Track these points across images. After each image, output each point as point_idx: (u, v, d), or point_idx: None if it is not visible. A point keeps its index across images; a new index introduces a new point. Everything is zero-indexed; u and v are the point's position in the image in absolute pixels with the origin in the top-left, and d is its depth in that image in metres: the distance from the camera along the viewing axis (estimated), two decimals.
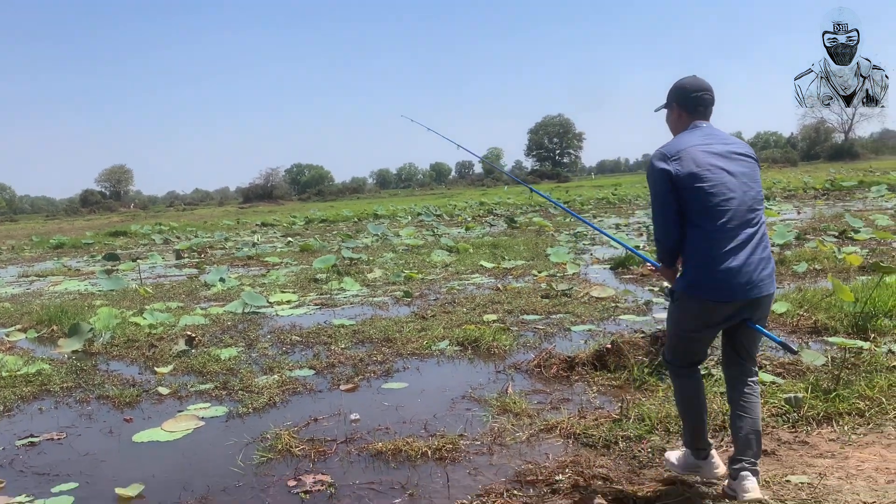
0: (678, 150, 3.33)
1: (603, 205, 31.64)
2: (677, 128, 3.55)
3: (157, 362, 7.25)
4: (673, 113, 3.58)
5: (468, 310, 8.87)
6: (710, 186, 3.24)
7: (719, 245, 3.23)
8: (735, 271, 3.22)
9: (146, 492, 4.19)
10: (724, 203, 3.23)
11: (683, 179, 3.26)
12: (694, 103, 3.49)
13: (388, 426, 5.01)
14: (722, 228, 3.23)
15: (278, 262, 16.40)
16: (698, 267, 3.30)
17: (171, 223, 40.51)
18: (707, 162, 3.28)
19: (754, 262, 3.25)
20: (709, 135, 3.41)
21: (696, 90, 3.50)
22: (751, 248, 3.25)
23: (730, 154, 3.35)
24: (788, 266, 10.46)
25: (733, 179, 3.28)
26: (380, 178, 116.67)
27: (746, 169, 3.36)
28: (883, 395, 4.58)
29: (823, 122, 79.78)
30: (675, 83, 3.59)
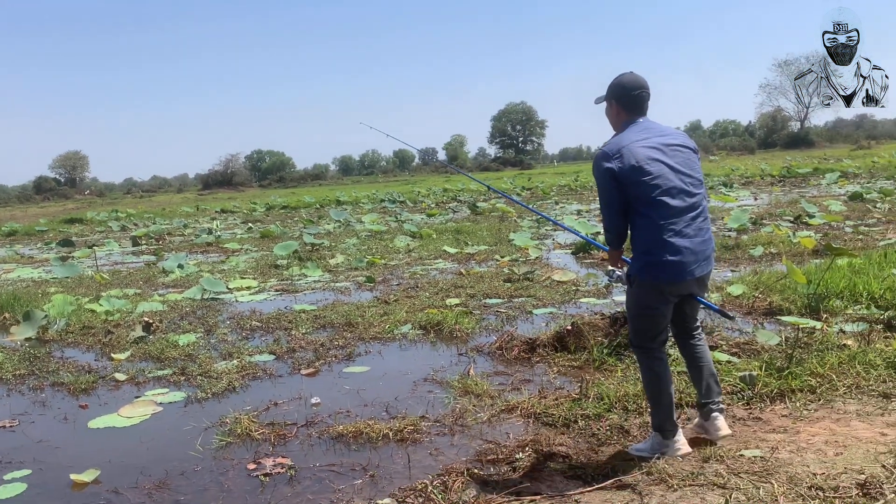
0: (619, 149, 3.55)
1: (565, 191, 31.85)
2: (616, 123, 3.78)
3: (114, 349, 7.13)
4: (612, 108, 3.80)
5: (431, 294, 8.88)
6: (652, 179, 3.48)
7: (667, 231, 3.49)
8: (683, 253, 3.50)
9: (102, 477, 4.13)
10: (666, 193, 3.49)
11: (626, 175, 3.49)
12: (634, 101, 3.71)
13: (350, 409, 5.00)
14: (667, 216, 3.49)
15: (238, 248, 16.21)
16: (650, 252, 3.56)
17: (129, 210, 39.75)
18: (646, 156, 3.51)
19: (698, 243, 3.55)
20: (646, 129, 3.65)
21: (635, 88, 3.71)
22: (694, 231, 3.54)
23: (667, 146, 3.59)
24: (745, 250, 10.66)
25: (672, 171, 3.53)
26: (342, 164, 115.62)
27: (683, 158, 3.61)
28: (833, 373, 4.70)
29: (780, 110, 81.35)
30: (615, 81, 3.78)
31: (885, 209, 15.00)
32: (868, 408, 4.21)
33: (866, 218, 13.85)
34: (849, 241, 10.74)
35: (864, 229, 12.12)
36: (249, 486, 3.90)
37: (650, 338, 3.74)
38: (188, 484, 3.99)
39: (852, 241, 10.83)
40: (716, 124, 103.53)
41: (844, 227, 12.57)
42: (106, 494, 3.94)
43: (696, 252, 3.53)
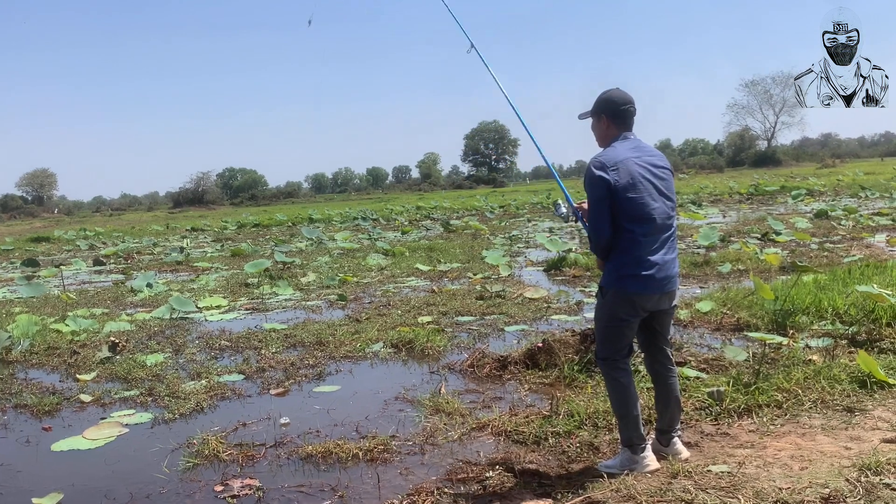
0: (616, 162, 3.65)
1: (538, 209, 32.05)
2: (606, 137, 3.87)
3: (80, 369, 7.00)
4: (602, 123, 3.88)
5: (403, 312, 8.86)
6: (640, 198, 3.62)
7: (645, 248, 3.64)
8: (657, 269, 3.65)
9: (65, 501, 4.05)
10: (650, 212, 3.64)
11: (620, 189, 3.61)
12: (622, 115, 3.83)
13: (319, 429, 4.95)
14: (647, 233, 3.64)
15: (208, 266, 16.05)
16: (627, 265, 3.66)
17: (97, 229, 39.16)
18: (639, 174, 3.66)
19: (669, 261, 3.72)
20: (638, 147, 3.78)
21: (624, 103, 3.83)
22: (666, 250, 3.71)
23: (655, 167, 3.74)
24: (713, 266, 10.80)
25: (657, 192, 3.69)
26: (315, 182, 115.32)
27: (666, 182, 3.77)
28: (799, 388, 4.76)
29: (748, 129, 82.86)
30: (604, 95, 3.88)
31: (849, 226, 15.30)
32: (833, 422, 4.27)
33: (831, 235, 14.11)
34: (814, 258, 10.93)
35: (830, 246, 12.35)
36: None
37: (616, 349, 3.80)
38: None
39: (818, 257, 11.02)
40: (685, 143, 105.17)
41: (810, 244, 12.79)
42: None
43: (667, 269, 3.69)
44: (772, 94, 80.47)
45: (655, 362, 3.93)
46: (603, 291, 3.77)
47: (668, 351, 3.94)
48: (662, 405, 3.90)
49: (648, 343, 3.94)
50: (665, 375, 3.90)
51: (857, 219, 16.57)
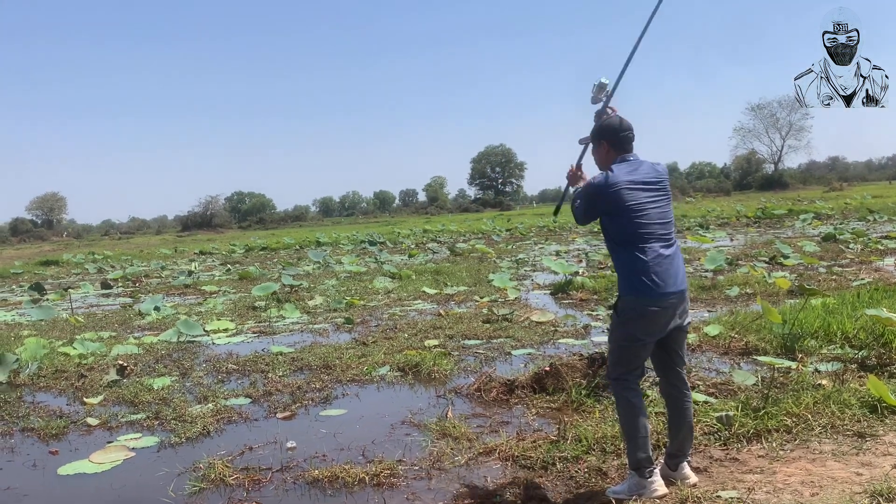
0: (616, 182, 3.78)
1: (544, 232, 32.06)
2: (606, 161, 3.99)
3: (87, 393, 7.01)
4: (602, 149, 4.02)
5: (409, 335, 8.85)
6: (641, 215, 3.77)
7: (649, 255, 3.73)
8: (666, 270, 3.73)
9: None
10: (649, 226, 3.77)
11: (620, 207, 3.76)
12: (622, 141, 3.97)
13: (326, 453, 4.94)
14: (649, 243, 3.76)
15: (216, 290, 16.08)
16: (636, 275, 3.73)
17: (106, 252, 39.37)
18: (639, 193, 3.78)
19: (676, 263, 3.81)
20: (635, 170, 3.88)
21: (623, 130, 3.97)
22: (671, 254, 3.80)
23: (653, 183, 3.86)
24: (721, 290, 10.76)
25: (656, 208, 3.82)
26: (323, 206, 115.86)
27: (664, 196, 3.89)
28: (809, 412, 4.73)
29: (754, 153, 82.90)
30: (604, 123, 4.04)
31: (857, 250, 15.24)
32: (843, 447, 4.23)
33: (839, 258, 14.06)
34: (823, 282, 10.88)
35: (838, 270, 12.30)
36: None
37: (629, 369, 3.81)
38: None
39: (826, 281, 10.98)
40: (692, 166, 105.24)
41: (818, 267, 12.74)
42: None
43: (676, 268, 3.77)
44: (778, 118, 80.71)
45: (670, 386, 3.92)
46: (617, 308, 3.82)
47: (682, 374, 3.93)
48: (675, 430, 3.89)
49: (664, 365, 3.93)
50: (680, 399, 3.89)
51: (865, 242, 16.51)
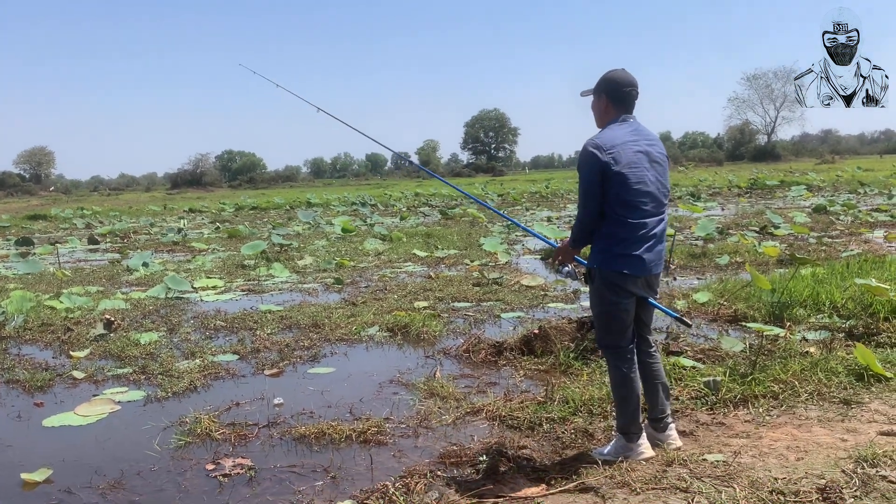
0: (613, 145, 3.57)
1: (536, 198, 31.99)
2: (604, 118, 3.79)
3: (73, 346, 6.96)
4: (601, 102, 3.79)
5: (399, 297, 8.82)
6: (636, 183, 3.57)
7: (636, 233, 3.59)
8: (647, 251, 3.62)
9: (54, 476, 4.01)
10: (644, 199, 3.60)
11: (616, 174, 3.54)
12: (624, 98, 3.74)
13: (313, 410, 4.93)
14: (640, 218, 3.60)
15: (205, 247, 16.00)
16: (616, 246, 3.61)
17: (95, 208, 39.07)
18: (636, 161, 3.59)
19: (659, 247, 3.70)
20: (636, 131, 3.69)
21: (626, 85, 3.73)
22: (657, 235, 3.67)
23: (653, 154, 3.68)
24: (711, 258, 10.77)
25: (653, 179, 3.65)
26: (314, 167, 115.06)
27: (662, 169, 3.72)
28: (796, 379, 4.74)
29: (748, 124, 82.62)
30: (607, 75, 3.79)
31: (847, 221, 15.28)
32: (829, 414, 4.25)
33: (830, 229, 14.09)
34: (812, 252, 10.90)
35: (828, 240, 12.33)
36: (208, 487, 3.82)
37: (619, 335, 3.72)
38: (144, 484, 3.90)
39: (816, 251, 11.00)
40: (685, 136, 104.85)
41: (808, 238, 12.77)
42: (58, 494, 3.82)
43: (656, 252, 3.67)
44: (773, 89, 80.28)
45: (640, 351, 3.87)
46: (592, 274, 3.71)
47: (650, 339, 3.90)
48: (651, 391, 3.82)
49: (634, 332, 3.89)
50: (648, 362, 3.83)
51: (855, 214, 16.55)
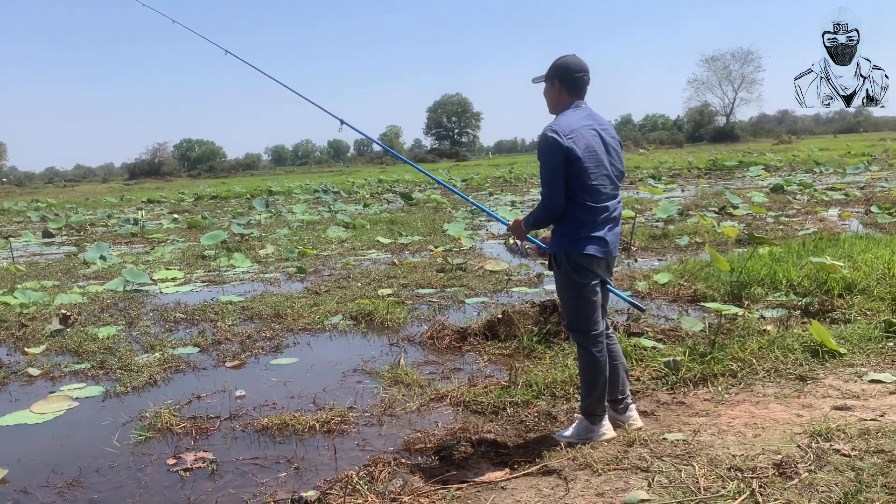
0: (572, 130, 3.59)
1: (500, 183, 32.02)
2: (557, 104, 3.81)
3: (28, 342, 6.81)
4: (554, 89, 3.80)
5: (363, 284, 8.78)
6: (594, 167, 3.61)
7: (597, 215, 3.64)
8: (605, 234, 3.67)
9: (10, 476, 3.93)
10: (602, 182, 3.65)
11: (575, 160, 3.55)
12: (576, 83, 3.76)
13: (276, 402, 4.89)
14: (602, 202, 3.65)
15: (164, 239, 15.74)
16: (584, 229, 3.63)
17: (49, 200, 38.15)
18: (593, 145, 3.63)
19: (617, 229, 3.77)
20: (589, 116, 3.73)
21: (578, 71, 3.75)
22: (615, 219, 3.73)
23: (607, 137, 3.73)
24: (672, 239, 10.91)
25: (608, 163, 3.69)
26: (275, 154, 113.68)
27: (617, 152, 3.77)
28: (754, 357, 4.83)
29: (707, 105, 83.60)
30: (559, 61, 3.79)
31: (803, 201, 15.58)
32: (786, 390, 4.33)
33: (786, 209, 14.35)
34: (770, 231, 11.09)
35: (785, 220, 12.56)
36: (169, 482, 3.77)
37: (588, 319, 3.70)
38: (103, 481, 3.83)
39: (773, 230, 11.20)
40: (646, 118, 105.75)
41: (766, 217, 12.99)
42: (14, 494, 3.74)
43: (614, 235, 3.72)
44: (731, 70, 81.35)
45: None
46: (557, 259, 3.70)
47: (607, 321, 3.92)
48: (611, 373, 3.81)
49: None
50: (612, 353, 3.84)
51: (811, 193, 16.88)
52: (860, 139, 57.24)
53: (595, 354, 3.71)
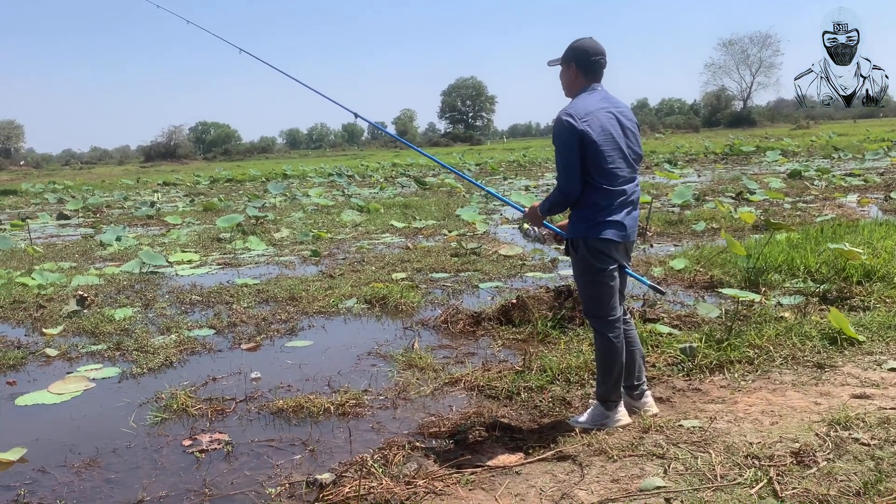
0: (587, 113, 3.54)
1: (514, 167, 31.91)
2: (573, 87, 3.76)
3: (46, 323, 6.86)
4: (570, 72, 3.75)
5: (377, 268, 8.78)
6: (611, 150, 3.56)
7: (614, 198, 3.60)
8: (623, 218, 3.63)
9: (28, 455, 3.96)
10: (618, 165, 3.60)
11: (591, 143, 3.51)
12: (593, 67, 3.71)
13: (291, 384, 4.90)
14: (619, 185, 3.60)
15: (180, 221, 15.80)
16: (601, 214, 3.59)
17: (66, 182, 38.39)
18: (609, 128, 3.58)
19: (635, 213, 3.72)
20: (605, 98, 3.68)
21: (595, 54, 3.69)
22: (633, 202, 3.69)
23: (624, 120, 3.67)
24: (688, 225, 10.83)
25: (625, 146, 3.64)
26: (290, 137, 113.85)
27: (634, 135, 3.71)
28: (770, 344, 4.79)
29: (724, 90, 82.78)
30: (575, 44, 3.74)
31: (822, 186, 15.41)
32: (803, 378, 4.30)
33: (804, 195, 14.20)
34: (787, 217, 10.99)
35: (802, 206, 12.44)
36: (184, 463, 3.79)
37: (606, 304, 3.67)
38: (120, 461, 3.86)
39: (791, 216, 11.09)
40: (662, 102, 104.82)
41: (784, 203, 12.87)
42: (32, 474, 3.77)
43: (632, 219, 3.69)
44: (748, 54, 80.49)
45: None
46: (574, 244, 3.66)
47: (624, 306, 3.89)
48: (628, 359, 3.78)
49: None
50: (624, 329, 3.80)
51: (829, 179, 16.69)
52: (880, 124, 56.53)
53: (612, 340, 3.68)
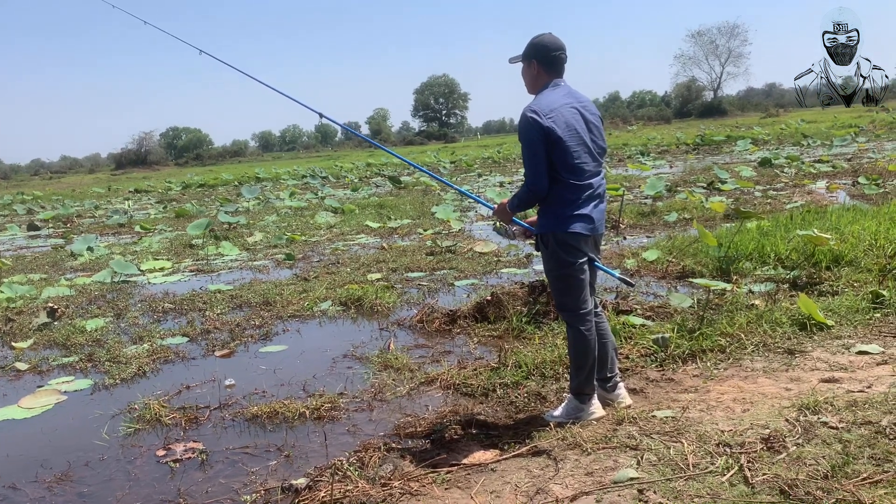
0: (552, 110, 3.56)
1: (488, 164, 31.93)
2: (536, 83, 3.77)
3: (15, 337, 6.76)
4: (532, 68, 3.76)
5: (352, 270, 8.76)
6: (576, 145, 3.58)
7: (581, 192, 3.62)
8: (591, 212, 3.65)
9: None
10: (584, 160, 3.62)
11: (557, 139, 3.53)
12: (554, 62, 3.73)
13: (265, 390, 4.87)
14: (581, 179, 3.62)
15: (152, 228, 15.64)
16: (569, 208, 3.61)
17: (36, 192, 37.86)
18: (573, 123, 3.60)
19: (602, 206, 3.74)
20: (569, 94, 3.71)
21: (556, 49, 3.72)
22: (599, 195, 3.71)
23: (588, 115, 3.70)
24: (660, 216, 10.91)
25: (590, 140, 3.67)
26: (262, 140, 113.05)
27: (598, 129, 3.74)
28: (742, 332, 4.84)
29: (694, 81, 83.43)
30: (535, 40, 3.75)
31: (791, 174, 15.60)
32: (774, 364, 4.35)
33: (774, 182, 14.37)
34: (758, 205, 11.11)
35: (773, 193, 12.58)
36: (158, 473, 3.75)
37: (577, 298, 3.69)
38: (93, 474, 3.81)
39: (761, 205, 11.21)
40: (633, 95, 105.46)
41: (754, 191, 13.00)
42: (2, 490, 3.72)
43: (599, 213, 3.70)
44: (717, 45, 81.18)
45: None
46: (544, 239, 3.68)
47: (596, 300, 3.91)
48: (600, 351, 3.80)
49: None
50: (596, 322, 3.82)
51: (799, 166, 16.90)
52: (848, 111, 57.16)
53: (584, 333, 3.70)
